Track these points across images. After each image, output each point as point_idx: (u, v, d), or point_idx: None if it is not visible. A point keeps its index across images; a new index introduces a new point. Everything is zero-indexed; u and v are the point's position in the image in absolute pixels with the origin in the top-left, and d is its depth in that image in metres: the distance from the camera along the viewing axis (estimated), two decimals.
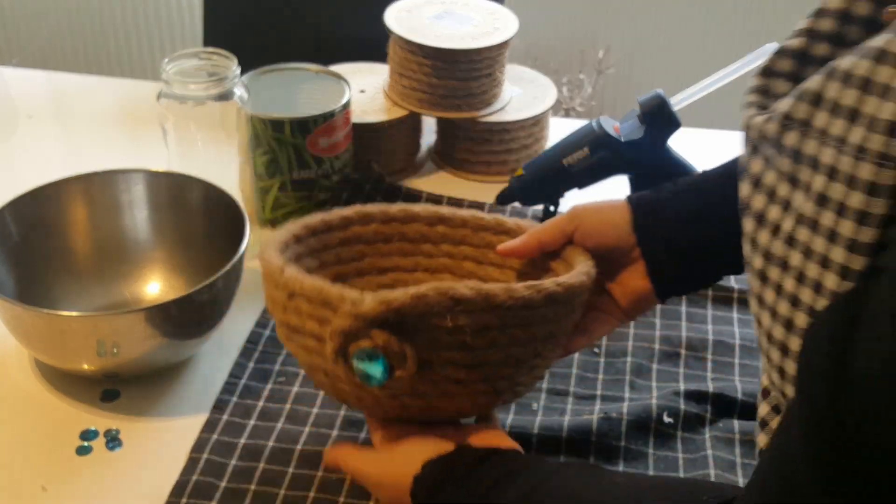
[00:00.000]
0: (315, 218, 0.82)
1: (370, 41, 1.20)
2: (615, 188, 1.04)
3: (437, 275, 0.86)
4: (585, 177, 1.01)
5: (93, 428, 0.84)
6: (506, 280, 0.84)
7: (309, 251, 0.81)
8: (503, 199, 1.05)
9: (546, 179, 1.02)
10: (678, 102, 0.99)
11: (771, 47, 0.96)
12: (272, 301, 0.73)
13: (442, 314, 0.65)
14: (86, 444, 0.83)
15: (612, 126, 0.99)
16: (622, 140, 0.98)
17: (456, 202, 1.12)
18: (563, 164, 1.00)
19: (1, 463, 0.81)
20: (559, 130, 1.25)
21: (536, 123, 1.17)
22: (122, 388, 0.88)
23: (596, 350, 0.92)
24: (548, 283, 0.69)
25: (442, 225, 0.85)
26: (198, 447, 0.81)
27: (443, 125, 1.20)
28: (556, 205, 1.04)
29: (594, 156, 0.99)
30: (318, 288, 0.67)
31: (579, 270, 0.73)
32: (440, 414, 0.72)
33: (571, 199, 1.04)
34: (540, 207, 1.07)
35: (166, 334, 0.84)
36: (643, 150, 0.99)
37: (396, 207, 0.85)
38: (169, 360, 0.89)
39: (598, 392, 0.87)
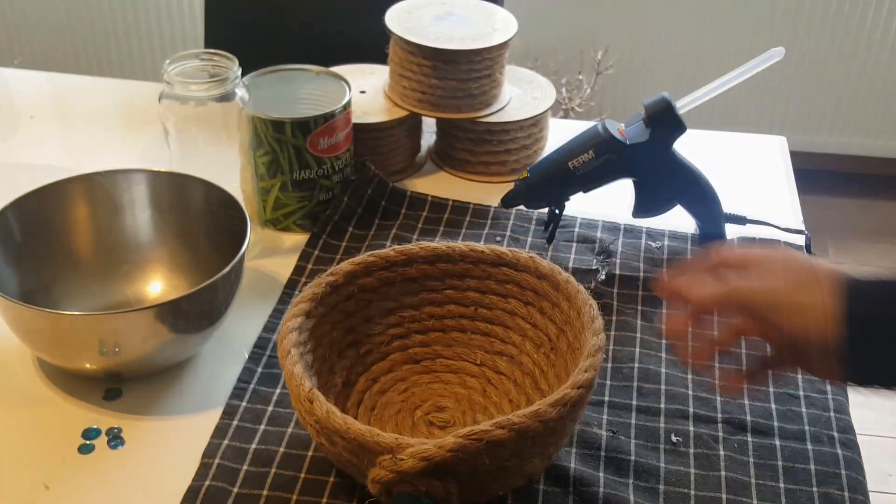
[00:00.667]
0: (320, 284, 0.83)
1: (370, 42, 1.21)
2: (620, 191, 1.05)
3: (444, 307, 0.89)
4: (591, 180, 1.01)
5: (95, 426, 0.84)
6: (510, 310, 0.88)
7: (319, 318, 0.82)
8: (508, 202, 1.05)
9: (551, 182, 1.01)
10: (684, 106, 0.99)
11: (777, 52, 0.96)
12: (302, 417, 0.75)
13: (480, 455, 0.67)
14: (88, 442, 0.83)
15: (617, 129, 0.99)
16: (627, 143, 0.98)
17: (461, 206, 1.12)
18: (568, 167, 1.00)
19: (4, 461, 0.81)
20: (558, 131, 1.26)
21: (535, 124, 1.18)
22: (125, 387, 0.88)
23: (603, 354, 0.92)
24: (571, 392, 0.71)
25: (441, 262, 0.88)
26: (209, 452, 0.81)
27: (442, 125, 1.20)
28: (562, 208, 1.04)
29: (599, 158, 0.99)
30: (349, 428, 0.69)
31: (593, 354, 0.75)
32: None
33: (576, 202, 1.05)
34: (545, 210, 1.07)
35: (167, 333, 0.85)
36: (648, 153, 0.99)
37: (395, 251, 0.87)
38: (170, 359, 0.89)
39: (606, 398, 0.87)
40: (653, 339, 0.94)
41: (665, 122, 0.98)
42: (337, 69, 1.13)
